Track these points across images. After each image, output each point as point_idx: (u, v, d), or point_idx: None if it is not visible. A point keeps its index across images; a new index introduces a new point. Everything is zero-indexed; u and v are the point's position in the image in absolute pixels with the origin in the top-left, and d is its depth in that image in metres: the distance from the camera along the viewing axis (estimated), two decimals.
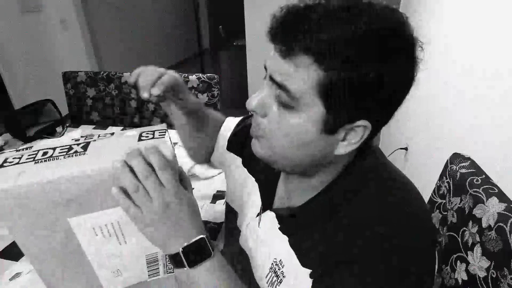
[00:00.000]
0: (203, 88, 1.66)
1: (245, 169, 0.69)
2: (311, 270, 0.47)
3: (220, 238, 0.87)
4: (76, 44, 3.17)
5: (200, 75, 1.66)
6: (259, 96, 0.45)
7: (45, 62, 3.02)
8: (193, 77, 1.66)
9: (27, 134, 1.38)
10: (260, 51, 2.78)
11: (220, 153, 0.77)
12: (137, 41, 4.28)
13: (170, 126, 0.73)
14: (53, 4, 2.98)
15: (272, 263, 0.53)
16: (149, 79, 0.57)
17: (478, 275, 0.60)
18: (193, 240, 0.46)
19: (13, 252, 0.81)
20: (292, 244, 0.51)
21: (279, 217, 0.55)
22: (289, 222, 0.53)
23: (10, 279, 0.73)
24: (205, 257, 0.46)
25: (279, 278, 0.51)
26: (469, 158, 0.75)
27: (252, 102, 0.45)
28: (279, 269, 0.51)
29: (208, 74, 1.66)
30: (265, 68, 0.45)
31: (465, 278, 0.63)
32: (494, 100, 0.98)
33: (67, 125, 1.54)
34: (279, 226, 0.54)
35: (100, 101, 1.82)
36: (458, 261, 0.66)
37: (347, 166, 0.49)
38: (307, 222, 0.50)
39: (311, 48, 0.38)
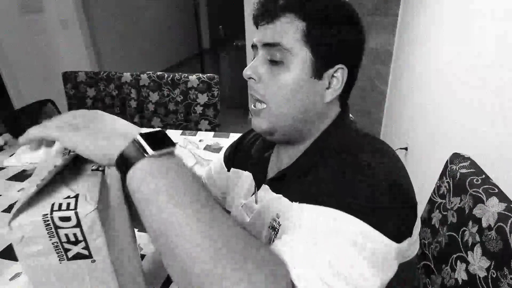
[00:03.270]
0: (203, 88, 1.66)
1: (237, 169, 0.73)
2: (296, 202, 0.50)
3: None
4: (76, 44, 3.17)
5: (200, 75, 1.66)
6: (252, 64, 0.53)
7: (45, 62, 3.02)
8: (193, 77, 1.66)
9: None
10: None
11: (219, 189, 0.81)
12: (137, 41, 4.27)
13: (168, 126, 0.74)
14: (53, 4, 2.97)
15: (271, 221, 0.56)
16: None
17: (478, 275, 0.60)
18: (153, 130, 0.37)
19: (13, 252, 0.81)
20: (285, 195, 0.55)
21: (271, 182, 0.59)
22: (280, 182, 0.57)
23: (10, 279, 0.73)
24: (167, 145, 0.37)
25: (276, 230, 0.54)
26: (469, 158, 0.75)
27: (247, 71, 0.53)
28: (275, 222, 0.55)
29: (208, 74, 1.66)
30: (253, 46, 0.54)
31: (465, 278, 0.63)
32: (494, 100, 0.98)
33: None
34: (271, 189, 0.58)
35: (100, 101, 1.82)
36: (458, 261, 0.66)
37: (327, 128, 0.55)
38: (296, 175, 0.54)
39: (290, 5, 0.49)
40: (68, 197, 0.37)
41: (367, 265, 0.38)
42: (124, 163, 0.35)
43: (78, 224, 0.36)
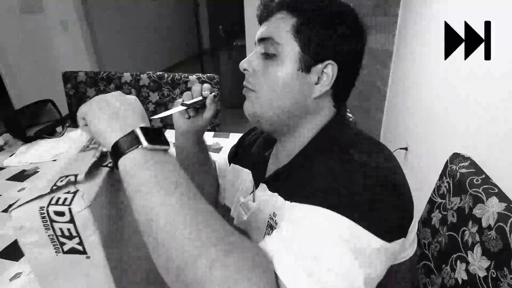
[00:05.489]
0: None
1: (237, 166, 0.75)
2: (290, 200, 0.50)
3: None
4: (76, 44, 3.17)
5: (200, 75, 1.66)
6: (248, 58, 0.57)
7: (45, 62, 3.02)
8: (193, 77, 1.66)
9: (27, 134, 1.38)
10: None
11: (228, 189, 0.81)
12: (137, 41, 4.27)
13: (168, 126, 0.75)
14: (54, 4, 2.98)
15: (268, 220, 0.57)
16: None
17: (478, 275, 0.60)
18: (152, 127, 0.41)
19: (13, 252, 0.81)
20: (280, 193, 0.56)
21: (268, 181, 0.60)
22: (276, 180, 0.58)
23: (10, 279, 0.73)
24: (162, 143, 0.40)
25: (273, 228, 0.55)
26: (469, 158, 0.75)
27: (243, 63, 0.57)
28: (273, 220, 0.56)
29: (208, 74, 1.66)
30: (255, 43, 0.57)
31: (465, 278, 0.63)
32: (494, 100, 0.98)
33: (67, 125, 1.54)
34: (268, 187, 0.59)
35: None
36: (458, 261, 0.66)
37: (324, 127, 0.56)
38: (291, 173, 0.56)
39: (284, 3, 0.54)
40: (68, 192, 0.38)
41: (349, 257, 0.38)
42: (117, 150, 0.38)
43: (72, 220, 0.36)
